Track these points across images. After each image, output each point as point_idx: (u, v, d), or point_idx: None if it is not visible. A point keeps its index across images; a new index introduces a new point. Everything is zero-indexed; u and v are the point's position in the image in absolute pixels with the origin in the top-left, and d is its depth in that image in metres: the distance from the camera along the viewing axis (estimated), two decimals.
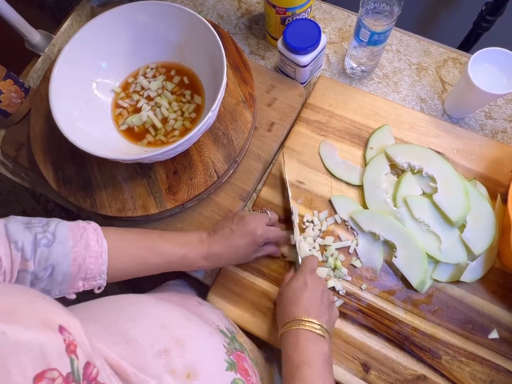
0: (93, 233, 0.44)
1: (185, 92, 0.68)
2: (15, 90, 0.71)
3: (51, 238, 0.41)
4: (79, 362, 0.25)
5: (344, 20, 0.79)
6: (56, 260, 0.41)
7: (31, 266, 0.39)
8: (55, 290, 0.42)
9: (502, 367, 0.55)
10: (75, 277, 0.42)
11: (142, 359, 0.33)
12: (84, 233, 0.44)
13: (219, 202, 0.66)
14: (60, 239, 0.41)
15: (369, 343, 0.57)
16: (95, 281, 0.44)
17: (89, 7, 0.84)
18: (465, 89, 0.61)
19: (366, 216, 0.61)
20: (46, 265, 0.40)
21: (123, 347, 0.32)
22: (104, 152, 0.55)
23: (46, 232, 0.41)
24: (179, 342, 0.37)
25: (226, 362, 0.40)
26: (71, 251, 0.42)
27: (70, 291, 0.43)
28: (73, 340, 0.25)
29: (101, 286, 0.45)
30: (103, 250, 0.44)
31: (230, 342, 0.45)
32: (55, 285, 0.42)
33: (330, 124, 0.69)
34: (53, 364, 0.23)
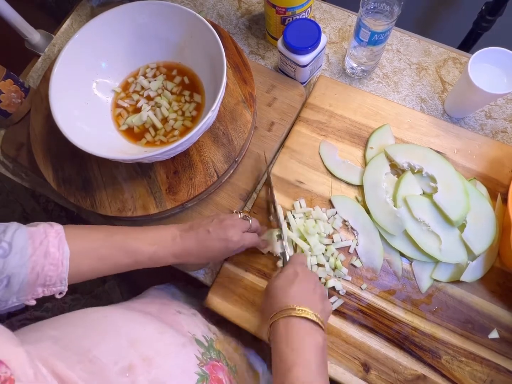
0: (55, 239, 0.42)
1: (185, 92, 0.68)
2: (15, 90, 0.71)
3: (7, 248, 0.39)
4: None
5: (344, 20, 0.79)
6: (12, 271, 0.39)
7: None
8: (12, 298, 0.40)
9: (502, 367, 0.55)
10: (33, 284, 0.41)
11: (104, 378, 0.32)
12: (45, 239, 0.42)
13: (219, 202, 0.66)
14: (17, 249, 0.39)
15: (369, 343, 0.57)
16: (55, 288, 0.43)
17: (89, 7, 0.84)
18: (465, 89, 0.61)
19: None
20: (1, 277, 0.38)
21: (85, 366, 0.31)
22: (104, 152, 0.55)
23: (1, 241, 0.39)
24: (146, 357, 0.36)
25: (198, 375, 0.39)
26: (29, 260, 0.40)
27: (29, 297, 0.42)
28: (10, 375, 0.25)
29: (62, 292, 0.44)
30: (64, 257, 0.42)
31: (205, 352, 0.43)
32: (11, 294, 0.40)
33: (330, 124, 0.69)
34: None
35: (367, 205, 0.62)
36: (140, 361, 0.35)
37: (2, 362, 0.25)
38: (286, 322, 0.42)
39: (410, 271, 0.60)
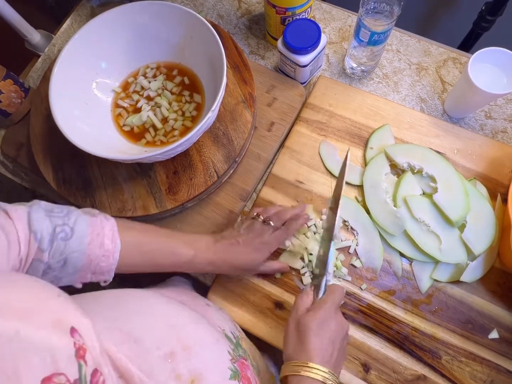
0: (109, 231, 0.45)
1: (185, 92, 0.68)
2: (15, 90, 0.71)
3: (69, 232, 0.41)
4: (87, 368, 0.25)
5: (344, 20, 0.79)
6: (71, 255, 0.41)
7: (45, 257, 0.39)
8: (65, 279, 0.43)
9: (502, 367, 0.55)
10: (85, 270, 0.43)
11: (148, 362, 0.32)
12: (101, 231, 0.44)
13: (219, 202, 0.66)
14: (78, 235, 0.42)
15: (369, 343, 0.57)
16: (102, 276, 0.45)
17: (89, 7, 0.84)
18: (465, 89, 0.61)
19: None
20: (60, 258, 0.41)
21: (130, 347, 0.32)
22: (104, 152, 0.55)
23: (65, 225, 0.41)
24: (186, 346, 0.36)
25: (230, 370, 0.39)
26: (86, 248, 0.42)
27: (78, 281, 0.44)
28: (83, 344, 0.25)
29: (107, 281, 0.46)
30: (115, 251, 0.45)
31: (234, 349, 0.44)
32: (65, 275, 0.42)
33: (330, 124, 0.69)
34: (61, 369, 0.23)
35: (367, 205, 0.62)
36: (180, 349, 0.36)
37: (76, 330, 0.26)
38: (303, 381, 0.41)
39: (410, 271, 0.60)
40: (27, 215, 0.39)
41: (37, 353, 0.22)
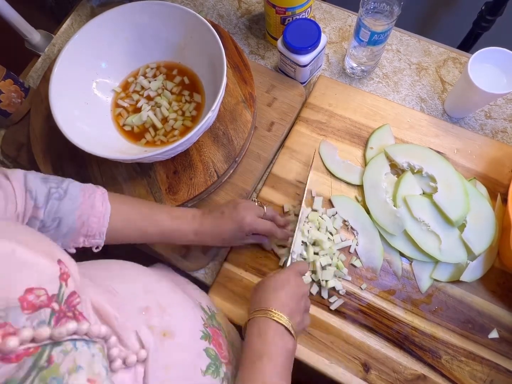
0: (100, 196, 0.48)
1: (185, 92, 0.68)
2: (15, 90, 0.71)
3: (62, 193, 0.45)
4: (66, 289, 0.29)
5: (344, 20, 0.79)
6: (64, 213, 0.44)
7: (41, 215, 0.42)
8: (59, 241, 0.45)
9: (502, 367, 0.55)
10: (78, 232, 0.46)
11: (124, 309, 0.35)
12: (92, 194, 0.47)
13: (219, 202, 0.66)
14: (71, 196, 0.45)
15: (369, 342, 0.57)
16: (94, 240, 0.47)
17: (89, 7, 0.84)
18: (465, 89, 0.61)
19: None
20: (55, 217, 0.43)
21: (108, 296, 0.35)
22: (104, 152, 0.55)
23: (59, 188, 0.45)
24: (160, 305, 0.39)
25: (202, 332, 0.42)
26: (79, 208, 0.45)
27: (71, 245, 0.46)
28: (67, 271, 0.30)
29: (99, 246, 0.49)
30: (106, 213, 0.47)
31: (208, 319, 0.47)
32: (59, 236, 0.45)
33: (330, 124, 0.69)
34: (43, 284, 0.27)
35: (367, 205, 0.62)
36: (155, 306, 0.39)
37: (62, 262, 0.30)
38: (264, 321, 0.45)
39: (410, 271, 0.60)
40: (23, 176, 0.43)
41: (27, 268, 0.27)
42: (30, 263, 0.28)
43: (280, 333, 0.44)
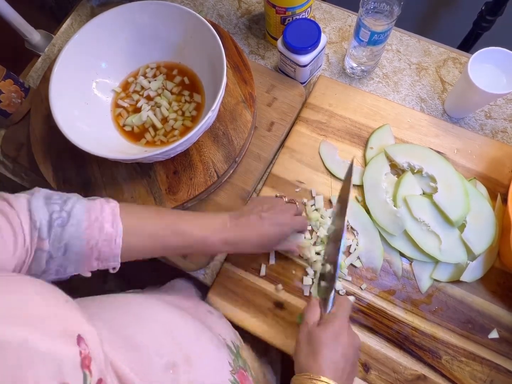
0: (109, 215, 0.43)
1: (185, 92, 0.68)
2: (15, 90, 0.71)
3: (66, 217, 0.40)
4: (91, 378, 0.25)
5: (344, 20, 0.79)
6: (69, 241, 0.40)
7: (46, 246, 0.39)
8: (71, 267, 0.42)
9: (502, 367, 0.55)
10: (89, 257, 0.42)
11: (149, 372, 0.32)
12: (100, 215, 0.42)
13: (219, 202, 0.66)
14: (74, 221, 0.41)
15: (369, 343, 0.57)
16: (109, 263, 0.44)
17: (89, 7, 0.84)
18: (465, 89, 0.61)
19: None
20: (60, 245, 0.40)
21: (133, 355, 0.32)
22: (104, 152, 0.55)
23: (62, 211, 0.41)
24: (188, 357, 0.36)
25: (230, 382, 0.39)
26: (84, 233, 0.41)
27: (85, 269, 0.43)
28: (88, 353, 0.25)
29: (116, 267, 0.45)
30: (117, 235, 0.43)
31: (235, 359, 0.43)
32: (70, 263, 0.41)
33: (330, 124, 0.69)
34: (66, 379, 0.23)
35: (367, 205, 0.62)
36: (182, 360, 0.35)
37: (82, 338, 0.26)
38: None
39: (410, 271, 0.60)
40: (27, 204, 0.39)
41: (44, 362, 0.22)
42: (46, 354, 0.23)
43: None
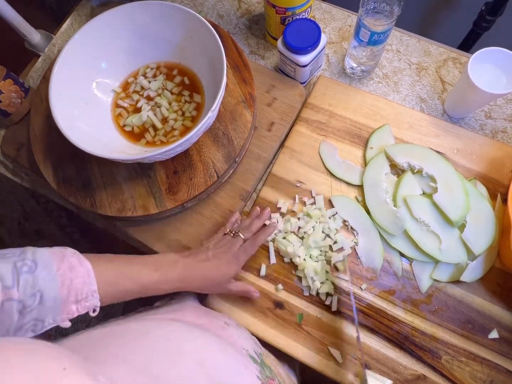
0: (73, 257, 0.42)
1: (185, 92, 0.68)
2: (15, 90, 0.71)
3: (31, 265, 0.38)
4: None
5: (344, 20, 0.79)
6: (44, 285, 0.38)
7: (15, 294, 0.36)
8: (48, 318, 0.38)
9: (502, 367, 0.55)
10: (66, 301, 0.39)
11: None
12: (65, 258, 0.41)
13: (219, 202, 0.66)
14: (43, 264, 0.39)
15: (369, 343, 0.57)
16: (88, 302, 0.41)
17: (89, 7, 0.84)
18: (465, 89, 0.61)
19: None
20: (34, 292, 0.37)
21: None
22: (104, 152, 0.55)
23: (25, 260, 0.38)
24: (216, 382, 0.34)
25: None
26: (56, 274, 0.39)
27: (64, 317, 0.40)
28: None
29: (96, 308, 0.42)
30: (88, 270, 0.41)
31: (261, 370, 0.42)
32: (46, 312, 0.38)
33: (330, 124, 0.69)
34: None
35: (367, 205, 0.62)
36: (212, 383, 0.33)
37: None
38: None
39: (410, 271, 0.60)
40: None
41: None
42: None
43: None
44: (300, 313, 0.59)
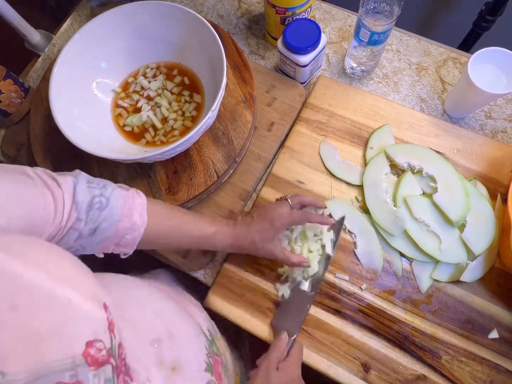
0: (140, 206, 0.46)
1: (185, 92, 0.68)
2: (15, 90, 0.71)
3: (104, 202, 0.43)
4: (115, 341, 0.28)
5: (344, 20, 0.79)
6: (102, 224, 0.42)
7: (81, 226, 0.41)
8: (88, 248, 0.44)
9: (502, 367, 0.55)
10: (111, 240, 0.45)
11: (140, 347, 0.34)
12: (133, 205, 0.46)
13: (219, 202, 0.66)
14: (111, 206, 0.43)
15: (369, 343, 0.57)
16: (125, 249, 0.47)
17: (89, 7, 0.84)
18: (465, 89, 0.61)
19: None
20: (92, 227, 0.42)
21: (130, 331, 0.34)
22: (104, 152, 0.55)
23: (102, 196, 0.43)
24: (171, 334, 0.38)
25: (205, 363, 0.41)
26: (116, 219, 0.44)
27: (101, 251, 0.45)
28: (112, 319, 0.29)
29: (127, 254, 0.48)
30: (142, 225, 0.46)
31: (210, 345, 0.46)
32: (90, 243, 0.43)
33: (330, 124, 0.69)
34: (100, 336, 0.26)
35: (367, 205, 0.62)
36: (166, 336, 0.38)
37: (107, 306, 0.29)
38: None
39: (410, 271, 0.60)
40: (73, 186, 0.41)
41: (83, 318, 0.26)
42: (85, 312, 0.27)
43: None
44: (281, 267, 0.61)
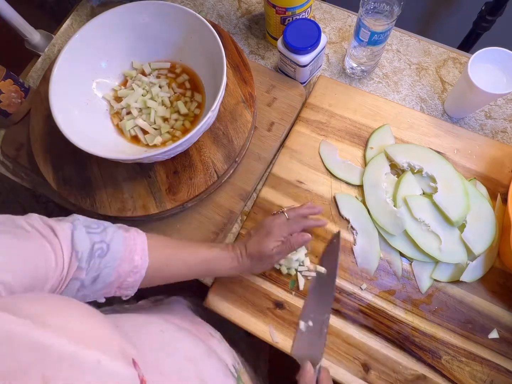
0: (140, 248, 0.45)
1: (184, 92, 0.68)
2: (15, 90, 0.71)
3: (105, 249, 0.42)
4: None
5: (344, 20, 0.79)
6: (103, 271, 0.41)
7: (83, 275, 0.39)
8: (91, 295, 0.42)
9: (502, 367, 0.55)
10: (112, 285, 0.43)
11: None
12: (133, 247, 0.44)
13: (219, 202, 0.66)
14: (113, 251, 0.42)
15: (369, 343, 0.57)
16: (126, 291, 0.45)
17: (89, 7, 0.84)
18: (465, 89, 0.61)
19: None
20: (94, 275, 0.40)
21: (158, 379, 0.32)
22: (104, 152, 0.55)
23: (102, 242, 0.42)
24: (202, 380, 0.36)
25: None
26: (118, 265, 0.42)
27: (102, 296, 0.44)
28: (143, 376, 0.27)
29: (129, 296, 0.46)
30: (144, 267, 0.45)
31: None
32: (93, 291, 0.42)
33: (330, 124, 0.69)
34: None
35: (367, 205, 0.62)
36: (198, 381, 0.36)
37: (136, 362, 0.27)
38: None
39: (410, 271, 0.60)
40: (71, 234, 0.39)
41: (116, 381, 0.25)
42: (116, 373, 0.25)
43: None
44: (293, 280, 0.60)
